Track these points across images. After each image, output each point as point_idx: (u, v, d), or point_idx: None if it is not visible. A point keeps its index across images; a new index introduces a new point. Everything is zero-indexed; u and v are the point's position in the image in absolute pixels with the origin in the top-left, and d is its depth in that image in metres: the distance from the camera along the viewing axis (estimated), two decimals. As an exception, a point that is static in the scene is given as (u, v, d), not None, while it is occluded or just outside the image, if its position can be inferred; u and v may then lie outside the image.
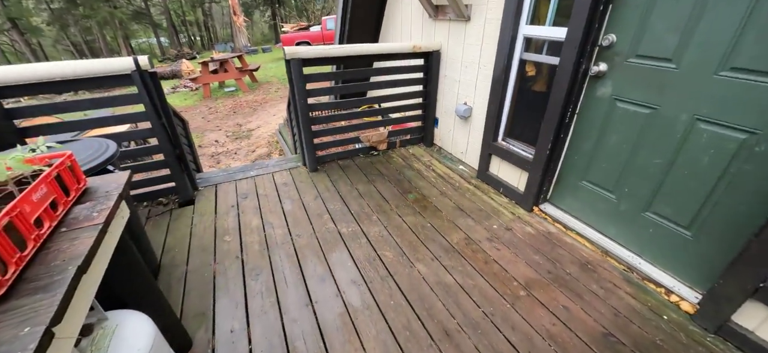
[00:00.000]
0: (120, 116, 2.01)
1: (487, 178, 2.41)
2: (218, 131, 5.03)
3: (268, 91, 8.18)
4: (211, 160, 3.98)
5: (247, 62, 9.36)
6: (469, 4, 2.21)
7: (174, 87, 9.80)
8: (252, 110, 6.28)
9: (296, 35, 16.64)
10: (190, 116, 6.47)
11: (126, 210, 1.00)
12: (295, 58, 2.21)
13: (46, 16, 23.79)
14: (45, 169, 0.79)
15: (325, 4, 32.11)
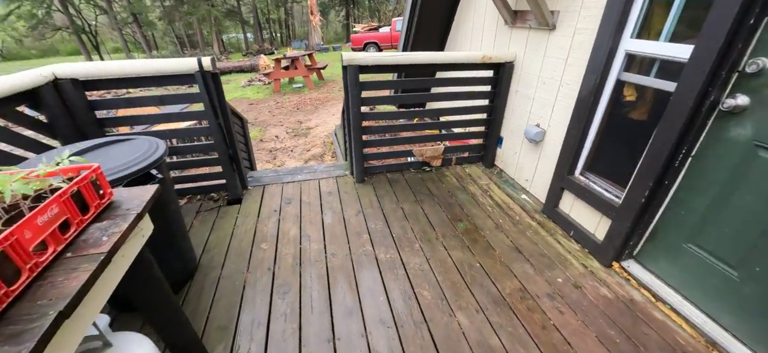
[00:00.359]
0: (183, 113, 2.10)
1: (555, 215, 2.05)
2: (280, 127, 5.24)
3: (331, 89, 8.40)
4: (269, 155, 4.13)
5: (315, 61, 9.76)
6: (556, 10, 1.88)
7: (250, 80, 10.66)
8: (314, 108, 6.46)
9: (365, 36, 16.98)
10: (258, 109, 6.91)
11: (148, 226, 0.95)
12: (352, 65, 2.10)
13: (159, 12, 27.82)
14: (62, 185, 0.74)
15: (396, 6, 32.43)
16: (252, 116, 6.36)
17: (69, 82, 1.73)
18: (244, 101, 8.14)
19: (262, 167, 3.77)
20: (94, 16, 30.68)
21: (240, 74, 13.51)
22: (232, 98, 8.56)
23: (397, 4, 31.62)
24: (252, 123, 5.71)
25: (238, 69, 14.04)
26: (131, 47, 30.01)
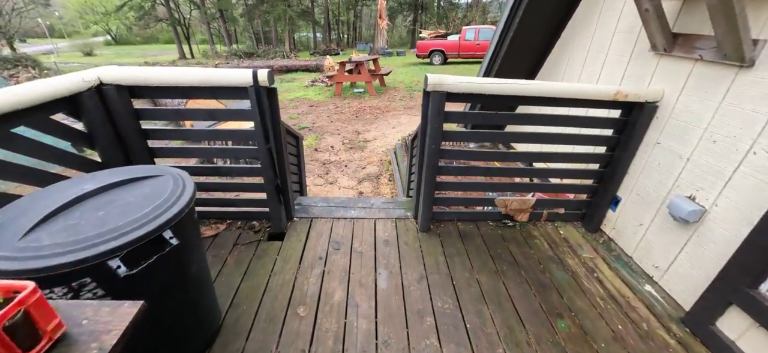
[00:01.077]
0: (230, 131, 1.83)
1: (709, 336, 1.38)
2: (337, 136, 4.99)
3: (393, 97, 8.07)
4: (322, 168, 3.85)
5: (379, 66, 9.53)
6: (762, 39, 1.22)
7: (313, 80, 10.82)
8: (373, 117, 6.15)
9: (432, 43, 16.47)
10: (317, 112, 6.80)
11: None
12: (438, 91, 1.64)
13: (241, 9, 30.24)
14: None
15: (466, 14, 31.41)
16: (310, 119, 6.25)
17: (114, 88, 1.52)
18: (305, 101, 8.17)
19: (313, 184, 3.49)
20: (189, 10, 34.43)
21: (305, 73, 13.90)
22: (294, 97, 8.68)
23: (468, 13, 30.63)
24: (309, 128, 5.56)
25: (304, 68, 14.47)
26: (215, 40, 33.08)
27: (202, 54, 31.41)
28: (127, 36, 56.57)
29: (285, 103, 8.08)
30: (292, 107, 7.61)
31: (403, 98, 8.05)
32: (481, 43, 15.58)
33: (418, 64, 16.45)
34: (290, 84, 10.92)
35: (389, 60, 19.26)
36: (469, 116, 1.96)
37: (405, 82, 10.51)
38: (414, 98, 8.02)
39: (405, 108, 6.88)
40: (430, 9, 35.98)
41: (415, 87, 9.46)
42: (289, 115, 6.72)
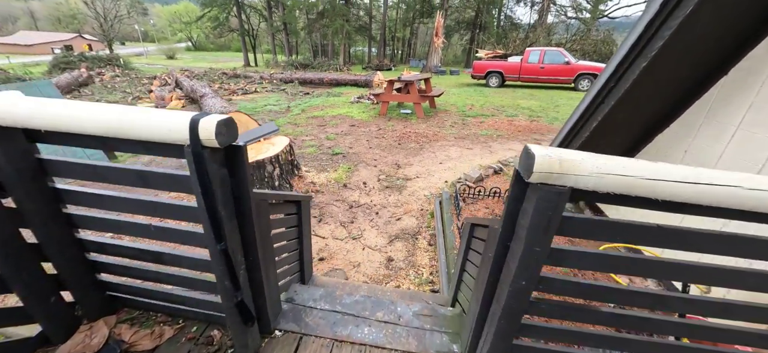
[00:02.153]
0: (169, 205, 1.14)
1: None
2: (373, 168, 4.26)
3: (442, 123, 7.21)
4: (346, 214, 3.13)
5: (431, 87, 8.76)
6: None
7: (359, 96, 10.37)
8: (418, 147, 5.35)
9: (490, 64, 15.37)
10: (356, 135, 6.18)
11: None
12: (556, 187, 0.79)
13: (303, 23, 31.60)
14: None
15: (528, 34, 29.58)
16: (347, 142, 5.63)
17: None
18: (347, 119, 7.65)
19: (332, 236, 2.77)
20: (258, 22, 37.00)
21: (354, 88, 13.62)
22: (337, 113, 8.23)
23: (530, 33, 28.82)
24: (343, 155, 4.92)
25: (353, 82, 14.23)
26: (278, 50, 35.03)
27: (265, 63, 33.42)
28: (204, 43, 63.04)
29: (326, 119, 7.64)
30: (332, 125, 7.11)
31: (455, 124, 7.16)
32: (546, 66, 14.15)
33: (473, 85, 15.41)
34: (336, 99, 10.60)
35: (442, 79, 18.45)
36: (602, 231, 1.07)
37: (457, 105, 9.60)
38: (467, 125, 7.08)
39: (455, 138, 5.99)
40: (490, 28, 34.66)
41: (469, 112, 8.50)
42: (327, 135, 6.19)
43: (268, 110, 8.94)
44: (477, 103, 10.03)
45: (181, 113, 0.90)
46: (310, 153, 4.99)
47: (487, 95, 12.04)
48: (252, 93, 12.27)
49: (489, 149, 5.34)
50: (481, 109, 9.02)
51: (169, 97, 9.99)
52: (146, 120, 0.87)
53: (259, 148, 3.21)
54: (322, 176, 3.92)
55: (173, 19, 70.98)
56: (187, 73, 18.50)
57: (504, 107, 9.33)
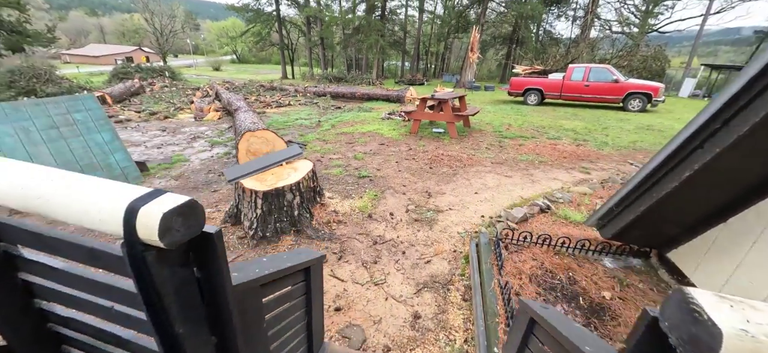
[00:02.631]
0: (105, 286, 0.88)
1: None
2: (401, 195, 3.93)
3: (478, 144, 6.75)
4: (370, 251, 2.80)
5: (465, 105, 8.34)
6: None
7: (390, 113, 10.14)
8: (451, 171, 4.95)
9: (528, 81, 14.66)
10: (385, 155, 5.89)
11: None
12: None
13: (339, 38, 32.41)
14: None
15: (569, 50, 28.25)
16: (375, 163, 5.35)
17: None
18: (376, 137, 7.42)
19: (352, 280, 2.45)
20: (297, 37, 38.52)
21: (385, 103, 13.46)
22: (367, 130, 8.03)
23: (572, 48, 27.45)
24: (370, 178, 4.63)
25: (385, 97, 14.09)
26: (314, 64, 36.16)
27: (301, 75, 34.60)
28: (247, 56, 66.94)
29: (356, 136, 7.45)
30: (361, 143, 6.89)
31: (491, 146, 6.67)
32: (591, 84, 13.23)
33: (510, 103, 14.71)
34: (367, 114, 10.45)
35: (476, 95, 17.87)
36: None
37: (493, 124, 9.06)
38: (504, 147, 6.57)
39: (492, 162, 5.51)
40: (527, 43, 33.52)
41: (507, 132, 7.95)
42: (355, 154, 5.96)
43: (299, 124, 8.95)
44: (515, 122, 9.43)
45: (124, 188, 0.63)
46: (335, 175, 4.75)
47: (526, 113, 11.37)
48: (285, 106, 12.48)
49: (530, 178, 4.82)
50: (519, 129, 8.43)
51: (208, 108, 10.36)
52: (66, 196, 0.61)
53: (279, 173, 2.99)
54: (346, 204, 3.64)
55: (221, 34, 76.45)
56: (228, 84, 19.40)
57: (545, 128, 8.67)
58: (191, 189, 4.45)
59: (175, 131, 8.16)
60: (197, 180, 4.81)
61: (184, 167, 5.45)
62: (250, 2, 30.68)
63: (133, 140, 7.28)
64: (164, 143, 6.99)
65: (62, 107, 4.47)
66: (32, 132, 4.13)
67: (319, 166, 5.26)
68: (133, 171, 4.75)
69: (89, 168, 4.40)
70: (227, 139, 7.21)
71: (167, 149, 6.47)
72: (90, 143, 4.52)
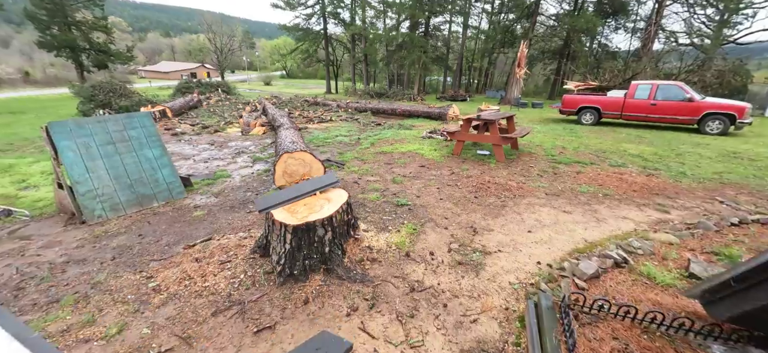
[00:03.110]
0: None
1: None
2: (443, 230, 3.54)
3: (528, 170, 6.14)
4: (406, 300, 2.45)
5: (514, 125, 7.74)
6: None
7: (432, 131, 9.77)
8: (499, 203, 4.46)
9: (583, 98, 13.52)
10: (426, 179, 5.52)
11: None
12: None
13: (381, 54, 32.91)
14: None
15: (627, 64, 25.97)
16: (415, 189, 5.01)
17: None
18: (417, 157, 7.09)
19: (384, 338, 2.12)
20: (342, 54, 39.87)
21: (426, 120, 13.13)
22: (406, 150, 7.73)
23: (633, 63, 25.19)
24: (409, 207, 4.29)
25: (426, 114, 13.77)
26: (357, 79, 37.06)
27: (344, 90, 35.60)
28: (295, 72, 70.90)
29: (395, 156, 7.18)
30: (401, 164, 6.60)
31: (544, 173, 6.02)
32: (659, 103, 11.85)
33: (561, 122, 13.64)
34: (407, 132, 10.19)
35: (523, 112, 16.87)
36: None
37: (544, 147, 8.31)
38: (559, 175, 5.89)
39: (546, 194, 4.91)
40: (581, 57, 31.42)
41: (561, 157, 7.20)
42: (394, 176, 5.67)
43: (339, 141, 8.92)
44: (569, 145, 8.57)
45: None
46: (372, 200, 4.49)
47: (581, 135, 10.37)
48: (327, 122, 12.66)
49: (594, 215, 4.17)
50: (575, 153, 7.61)
51: (254, 123, 10.78)
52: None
53: (311, 204, 2.78)
54: (382, 239, 3.33)
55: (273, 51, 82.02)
56: (275, 99, 20.34)
57: (605, 153, 7.75)
58: (228, 209, 4.44)
59: (222, 145, 8.52)
60: (235, 198, 4.82)
61: (225, 183, 5.54)
62: (300, 22, 32.38)
63: (185, 153, 7.68)
64: (211, 157, 7.27)
65: (120, 124, 4.74)
66: (92, 148, 4.40)
67: (356, 189, 5.04)
68: (177, 187, 4.88)
69: (138, 183, 4.58)
70: (268, 155, 7.32)
71: (213, 164, 6.70)
72: (141, 158, 4.72)
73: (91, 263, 3.19)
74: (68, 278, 2.96)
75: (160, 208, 4.52)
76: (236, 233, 3.63)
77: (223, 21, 59.47)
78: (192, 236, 3.65)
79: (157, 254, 3.28)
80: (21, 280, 2.95)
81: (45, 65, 47.98)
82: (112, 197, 4.32)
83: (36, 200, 4.79)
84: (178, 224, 4.00)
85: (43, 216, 4.33)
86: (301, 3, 31.57)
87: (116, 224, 4.05)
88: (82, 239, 3.68)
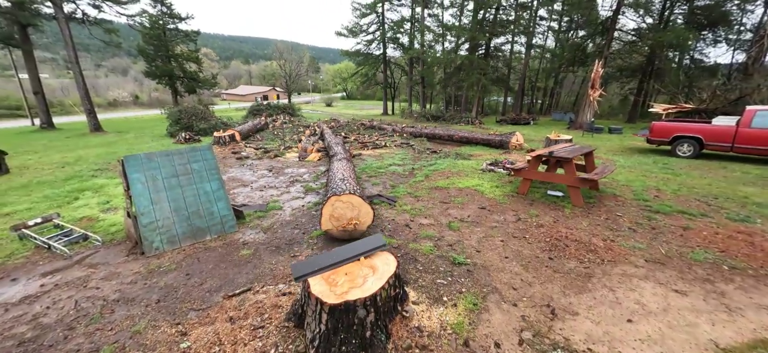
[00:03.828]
0: None
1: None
2: (511, 306, 2.88)
3: (615, 222, 5.08)
4: None
5: (594, 162, 6.64)
6: None
7: (492, 163, 8.91)
8: (583, 269, 3.62)
9: (677, 125, 11.48)
10: (487, 227, 4.81)
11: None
12: None
13: (439, 77, 32.57)
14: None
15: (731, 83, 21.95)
16: (474, 240, 4.37)
17: None
18: (476, 196, 6.40)
19: None
20: (399, 77, 40.47)
21: (486, 149, 12.24)
22: (464, 185, 7.08)
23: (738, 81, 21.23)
24: (467, 267, 3.66)
25: (485, 142, 12.89)
26: (414, 100, 37.15)
27: (401, 111, 35.87)
28: (355, 93, 74.14)
29: (451, 193, 6.58)
30: (458, 204, 5.98)
31: (637, 226, 4.92)
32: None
33: (648, 153, 11.71)
34: (465, 163, 9.47)
35: (599, 140, 14.95)
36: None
37: (632, 187, 6.98)
38: (659, 231, 4.74)
39: (646, 260, 3.90)
40: (668, 74, 27.51)
41: (657, 203, 5.90)
42: (450, 221, 5.08)
43: (392, 171, 8.59)
44: (666, 186, 7.09)
45: None
46: (424, 253, 3.97)
47: (679, 172, 8.62)
48: (381, 148, 12.51)
49: (721, 300, 3.12)
50: (676, 199, 6.22)
51: (311, 149, 11.03)
52: None
53: (353, 274, 2.38)
54: (435, 316, 2.78)
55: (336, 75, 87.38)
56: (334, 122, 21.03)
57: (718, 199, 6.19)
58: (274, 249, 4.29)
59: (279, 171, 8.76)
60: (282, 237, 4.67)
61: (276, 216, 5.48)
62: (361, 48, 33.76)
63: (245, 179, 8.00)
64: (267, 185, 7.44)
65: (185, 158, 4.97)
66: (158, 180, 4.63)
67: (407, 234, 4.58)
68: (230, 220, 4.92)
69: (195, 215, 4.69)
70: (320, 185, 7.25)
71: (267, 193, 6.80)
72: (200, 191, 4.86)
73: (138, 304, 3.18)
74: (114, 321, 2.95)
75: (211, 242, 4.54)
76: (276, 283, 3.39)
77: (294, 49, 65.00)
78: (234, 282, 3.51)
79: (197, 302, 3.16)
80: (76, 317, 3.03)
81: (150, 90, 57.07)
82: (170, 230, 4.46)
83: (111, 225, 5.20)
84: (224, 264, 3.92)
85: (113, 242, 4.62)
86: (363, 30, 32.94)
87: (170, 258, 4.12)
88: (137, 273, 3.77)
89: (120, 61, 75.90)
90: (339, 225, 4.14)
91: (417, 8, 30.79)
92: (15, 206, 6.14)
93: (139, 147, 13.27)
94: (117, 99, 50.51)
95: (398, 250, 4.08)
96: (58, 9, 17.88)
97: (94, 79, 56.79)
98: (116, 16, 22.61)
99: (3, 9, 18.05)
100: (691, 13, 24.49)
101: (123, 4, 21.66)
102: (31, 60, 20.24)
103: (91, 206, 6.05)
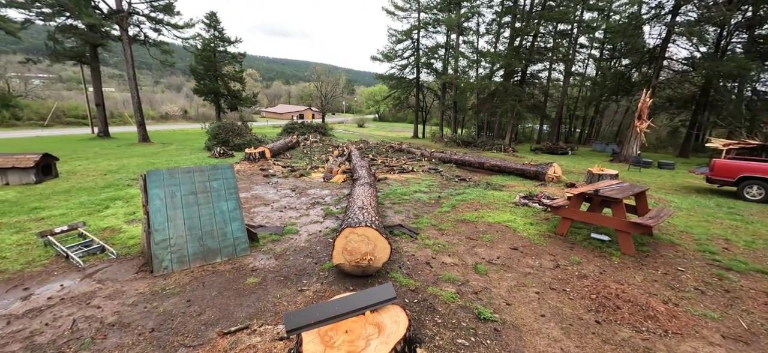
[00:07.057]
0: None
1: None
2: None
3: (677, 278, 4.30)
4: None
5: (647, 206, 5.83)
6: None
7: (526, 196, 8.21)
8: (641, 341, 2.98)
9: (744, 165, 10.14)
10: (519, 273, 4.23)
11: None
12: None
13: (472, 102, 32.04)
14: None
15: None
16: (503, 289, 3.81)
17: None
18: (507, 233, 5.80)
19: None
20: (432, 101, 40.44)
21: (519, 179, 11.48)
22: (495, 220, 6.49)
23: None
24: (495, 324, 3.13)
25: (519, 172, 12.13)
26: (445, 125, 36.81)
27: (431, 135, 35.55)
28: (387, 115, 75.19)
29: (479, 228, 6.02)
30: (486, 241, 5.42)
31: (706, 286, 4.10)
32: None
33: (708, 193, 10.39)
34: (496, 194, 8.84)
35: (647, 175, 13.59)
36: None
37: (694, 235, 6.03)
38: (735, 295, 3.91)
39: (724, 335, 3.15)
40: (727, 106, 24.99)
41: (727, 258, 4.97)
42: (476, 263, 4.56)
43: (417, 199, 8.17)
44: (736, 237, 6.05)
45: None
46: (445, 301, 3.49)
47: (749, 219, 7.43)
48: (408, 172, 12.15)
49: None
50: (750, 251, 5.23)
51: (336, 170, 10.91)
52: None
53: (356, 332, 2.00)
54: (452, 391, 2.30)
55: (369, 97, 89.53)
56: (363, 144, 21.08)
57: (809, 258, 5.13)
58: (282, 279, 4.00)
59: (302, 191, 8.64)
60: (293, 265, 4.40)
61: (291, 241, 5.25)
62: (396, 72, 34.27)
63: (267, 197, 7.94)
64: (288, 205, 7.30)
65: (205, 175, 4.92)
66: (176, 197, 4.57)
67: (427, 275, 4.12)
68: (242, 243, 4.74)
69: (208, 235, 4.56)
70: (341, 210, 6.99)
71: (286, 215, 6.63)
72: (216, 210, 4.76)
73: (131, 332, 2.98)
74: (104, 349, 2.76)
75: (220, 265, 4.36)
76: (276, 323, 3.07)
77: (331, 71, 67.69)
78: (233, 316, 3.24)
79: (189, 337, 2.91)
80: (69, 339, 2.88)
81: (198, 105, 61.46)
82: (182, 249, 4.34)
83: (130, 237, 5.22)
84: (228, 292, 3.68)
85: (127, 256, 4.58)
86: (398, 55, 33.49)
87: (176, 279, 3.97)
88: (141, 293, 3.63)
89: (176, 79, 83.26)
90: (352, 260, 3.79)
91: (452, 35, 30.87)
92: (52, 210, 6.44)
93: (177, 159, 13.92)
94: (168, 112, 54.80)
95: (415, 294, 3.63)
96: (123, 32, 19.82)
97: (151, 94, 62.39)
98: (173, 38, 24.70)
99: (78, 30, 20.30)
100: (752, 41, 22.36)
101: (180, 28, 23.63)
102: (97, 75, 22.44)
103: (117, 216, 6.19)
